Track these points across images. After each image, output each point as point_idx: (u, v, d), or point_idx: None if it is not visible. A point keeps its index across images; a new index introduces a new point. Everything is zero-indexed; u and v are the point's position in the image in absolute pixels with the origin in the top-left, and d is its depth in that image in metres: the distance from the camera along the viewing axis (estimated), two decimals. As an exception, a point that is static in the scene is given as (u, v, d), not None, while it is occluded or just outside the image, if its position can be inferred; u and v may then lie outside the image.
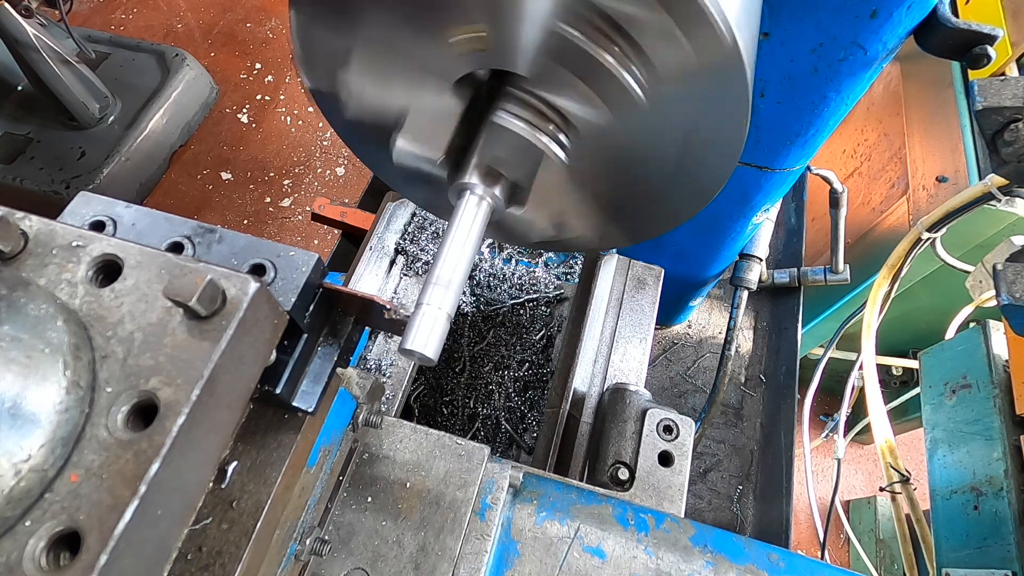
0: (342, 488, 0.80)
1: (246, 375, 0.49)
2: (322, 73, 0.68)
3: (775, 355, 2.13)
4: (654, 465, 1.01)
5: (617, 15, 0.50)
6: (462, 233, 0.61)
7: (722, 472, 1.99)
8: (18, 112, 3.17)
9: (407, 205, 1.46)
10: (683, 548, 0.84)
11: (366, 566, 0.76)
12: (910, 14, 0.88)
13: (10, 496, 0.39)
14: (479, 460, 0.83)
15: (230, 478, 0.59)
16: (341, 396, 0.72)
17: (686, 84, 0.55)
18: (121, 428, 0.42)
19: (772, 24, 0.94)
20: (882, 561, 2.54)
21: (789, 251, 2.28)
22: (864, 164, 2.28)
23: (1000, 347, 1.34)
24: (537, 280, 1.48)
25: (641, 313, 1.33)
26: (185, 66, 3.38)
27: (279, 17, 4.08)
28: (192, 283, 0.43)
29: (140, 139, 3.16)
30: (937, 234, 1.48)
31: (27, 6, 2.55)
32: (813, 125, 1.12)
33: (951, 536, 1.27)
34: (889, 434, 1.50)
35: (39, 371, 0.41)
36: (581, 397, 1.23)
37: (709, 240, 1.64)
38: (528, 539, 0.83)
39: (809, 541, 2.85)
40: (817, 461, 2.96)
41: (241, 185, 3.44)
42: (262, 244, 0.58)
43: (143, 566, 0.42)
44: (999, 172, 0.93)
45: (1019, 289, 0.87)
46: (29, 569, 0.38)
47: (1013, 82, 0.85)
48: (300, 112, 3.70)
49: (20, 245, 0.48)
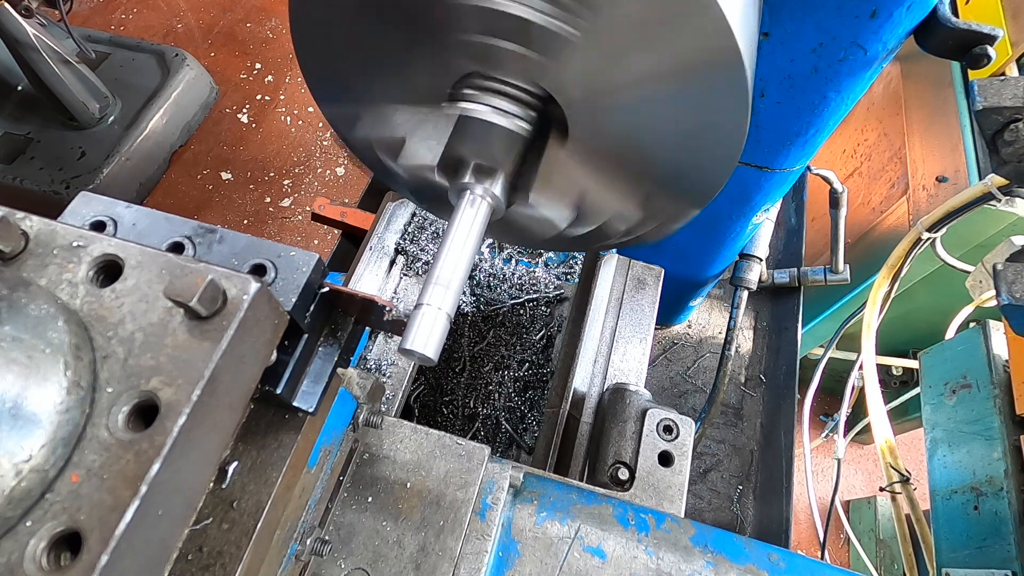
0: (342, 488, 0.80)
1: (247, 375, 0.49)
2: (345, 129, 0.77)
3: (775, 355, 2.13)
4: (654, 465, 1.01)
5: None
6: (462, 233, 0.61)
7: (722, 472, 1.99)
8: (18, 112, 3.16)
9: (407, 205, 1.46)
10: (683, 548, 0.84)
11: (367, 566, 0.76)
12: (910, 14, 0.88)
13: (11, 496, 0.39)
14: (479, 460, 0.83)
15: (231, 478, 0.59)
16: (341, 396, 0.72)
17: (686, 83, 0.55)
18: (122, 428, 0.42)
19: (772, 24, 0.94)
20: (882, 561, 2.54)
21: (789, 251, 2.28)
22: (864, 164, 2.28)
23: (1000, 347, 1.34)
24: (537, 280, 1.48)
25: (641, 313, 1.33)
26: (185, 66, 3.37)
27: (279, 17, 4.08)
28: (193, 283, 0.43)
29: (140, 139, 3.16)
30: (937, 234, 1.48)
31: (27, 6, 2.55)
32: (813, 125, 1.12)
33: (951, 536, 1.27)
34: (889, 434, 1.50)
35: (40, 371, 0.41)
36: (581, 397, 1.23)
37: (709, 240, 1.64)
38: (528, 539, 0.83)
39: (809, 541, 2.85)
40: (817, 461, 2.96)
41: (241, 185, 3.44)
42: (263, 244, 0.58)
43: (144, 566, 0.42)
44: (999, 172, 0.93)
45: (1019, 289, 0.87)
46: (30, 569, 0.38)
47: (1013, 82, 0.85)
48: (300, 112, 3.70)
49: (21, 245, 0.48)
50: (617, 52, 0.54)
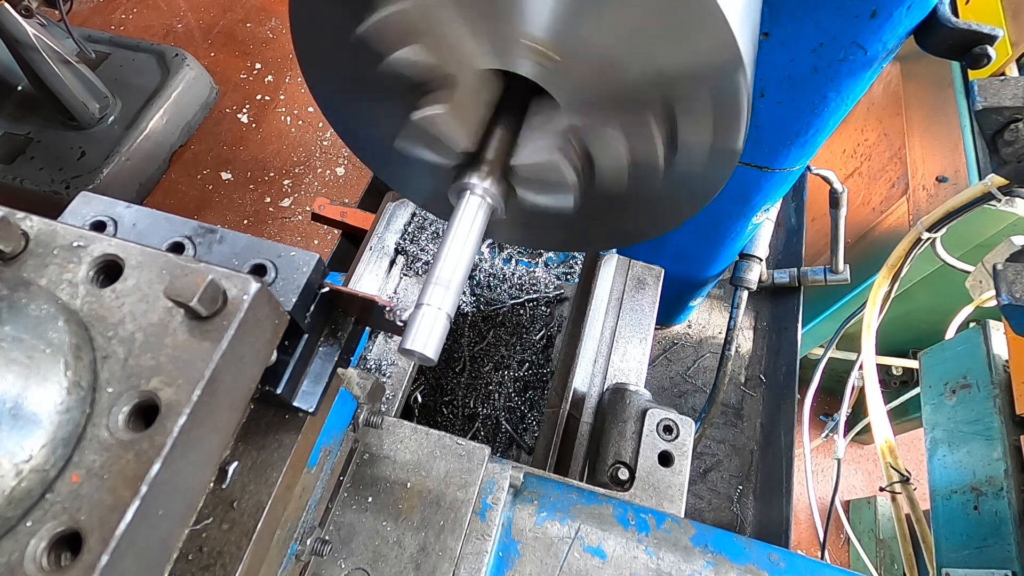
0: (343, 488, 0.80)
1: (247, 375, 0.49)
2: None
3: (775, 355, 2.13)
4: (654, 465, 1.01)
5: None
6: (462, 233, 0.61)
7: (722, 472, 1.99)
8: (18, 112, 3.16)
9: (407, 205, 1.46)
10: (684, 548, 0.84)
11: (367, 566, 0.76)
12: (910, 14, 0.88)
13: (11, 496, 0.39)
14: (479, 460, 0.83)
15: (231, 478, 0.59)
16: (341, 396, 0.72)
17: (686, 82, 0.55)
18: (122, 428, 0.42)
19: (772, 24, 0.94)
20: (882, 561, 2.54)
21: (789, 251, 2.28)
22: (864, 164, 2.28)
23: (1000, 347, 1.34)
24: (537, 280, 1.48)
25: (641, 313, 1.33)
26: (185, 66, 3.37)
27: (279, 17, 4.08)
28: (193, 283, 0.43)
29: (140, 139, 3.16)
30: (937, 234, 1.48)
31: (27, 6, 2.55)
32: (813, 125, 1.12)
33: (951, 536, 1.27)
34: (889, 434, 1.50)
35: (40, 371, 0.41)
36: (581, 397, 1.23)
37: (709, 240, 1.64)
38: (529, 539, 0.83)
39: (809, 541, 2.85)
40: (817, 461, 2.96)
41: (241, 185, 3.44)
42: (263, 244, 0.58)
43: (144, 566, 0.42)
44: (999, 172, 0.93)
45: (1019, 289, 0.87)
46: (30, 569, 0.38)
47: (1013, 82, 0.85)
48: (300, 112, 3.70)
49: (21, 245, 0.48)
50: (616, 51, 0.54)
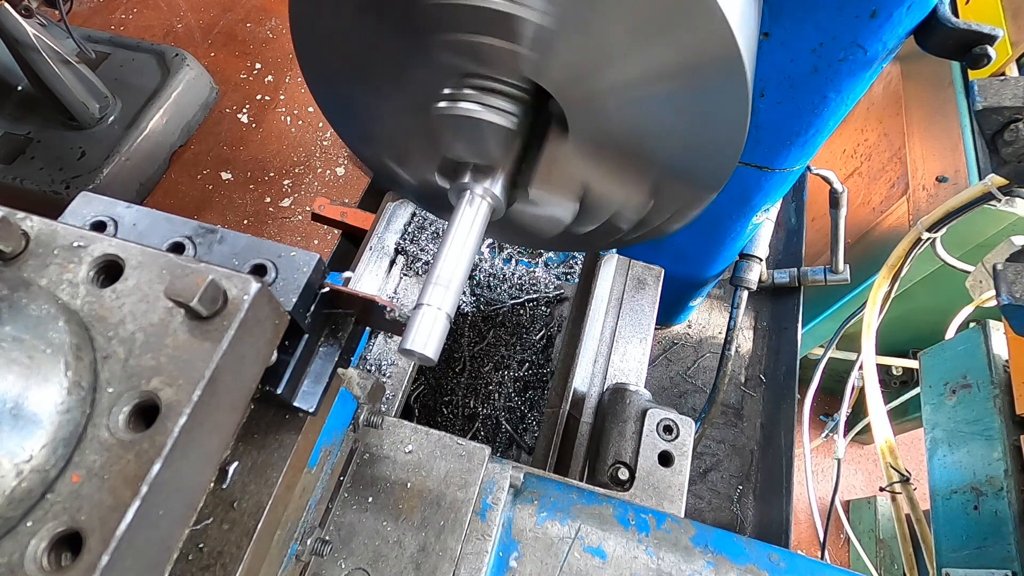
0: (343, 488, 0.80)
1: (247, 375, 0.49)
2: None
3: (775, 355, 2.13)
4: (654, 465, 1.01)
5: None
6: (462, 233, 0.61)
7: (722, 472, 1.99)
8: (18, 112, 3.16)
9: (407, 205, 1.46)
10: (684, 548, 0.84)
11: (367, 566, 0.76)
12: (910, 14, 0.88)
13: (12, 496, 0.39)
14: (480, 460, 0.83)
15: (231, 478, 0.59)
16: (342, 396, 0.72)
17: (686, 82, 0.55)
18: (122, 428, 0.42)
19: (772, 24, 0.94)
20: (882, 561, 2.54)
21: (789, 251, 2.28)
22: (864, 164, 2.28)
23: (1000, 347, 1.34)
24: (537, 280, 1.48)
25: (641, 313, 1.33)
26: (185, 66, 3.37)
27: (279, 17, 4.08)
28: (193, 283, 0.43)
29: (140, 139, 3.16)
30: (937, 234, 1.48)
31: (27, 6, 2.55)
32: (813, 125, 1.12)
33: (951, 536, 1.27)
34: (889, 434, 1.50)
35: (41, 372, 0.41)
36: (581, 397, 1.23)
37: (709, 240, 1.64)
38: (529, 539, 0.83)
39: (809, 541, 2.85)
40: (817, 461, 2.96)
41: (241, 185, 3.44)
42: (263, 244, 0.58)
43: (144, 566, 0.42)
44: (999, 172, 0.93)
45: (1019, 289, 0.87)
46: (31, 570, 0.38)
47: (1013, 82, 0.85)
48: (300, 112, 3.70)
49: (21, 245, 0.48)
50: (615, 50, 0.54)
